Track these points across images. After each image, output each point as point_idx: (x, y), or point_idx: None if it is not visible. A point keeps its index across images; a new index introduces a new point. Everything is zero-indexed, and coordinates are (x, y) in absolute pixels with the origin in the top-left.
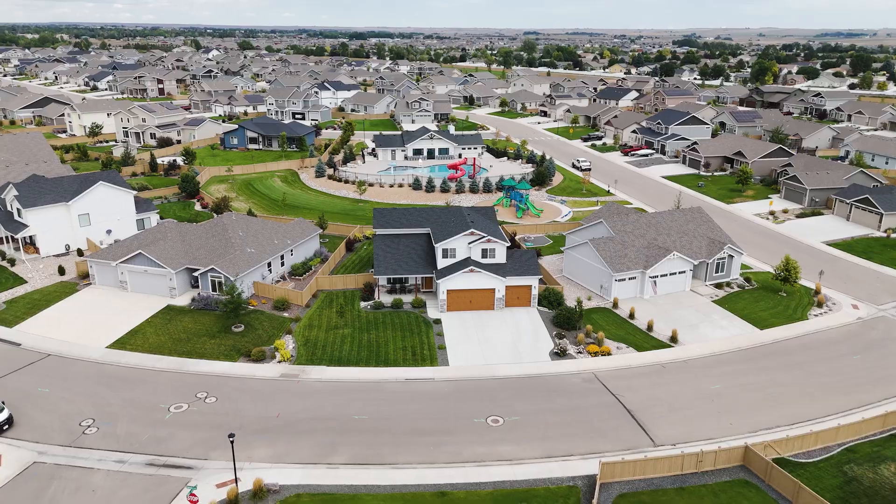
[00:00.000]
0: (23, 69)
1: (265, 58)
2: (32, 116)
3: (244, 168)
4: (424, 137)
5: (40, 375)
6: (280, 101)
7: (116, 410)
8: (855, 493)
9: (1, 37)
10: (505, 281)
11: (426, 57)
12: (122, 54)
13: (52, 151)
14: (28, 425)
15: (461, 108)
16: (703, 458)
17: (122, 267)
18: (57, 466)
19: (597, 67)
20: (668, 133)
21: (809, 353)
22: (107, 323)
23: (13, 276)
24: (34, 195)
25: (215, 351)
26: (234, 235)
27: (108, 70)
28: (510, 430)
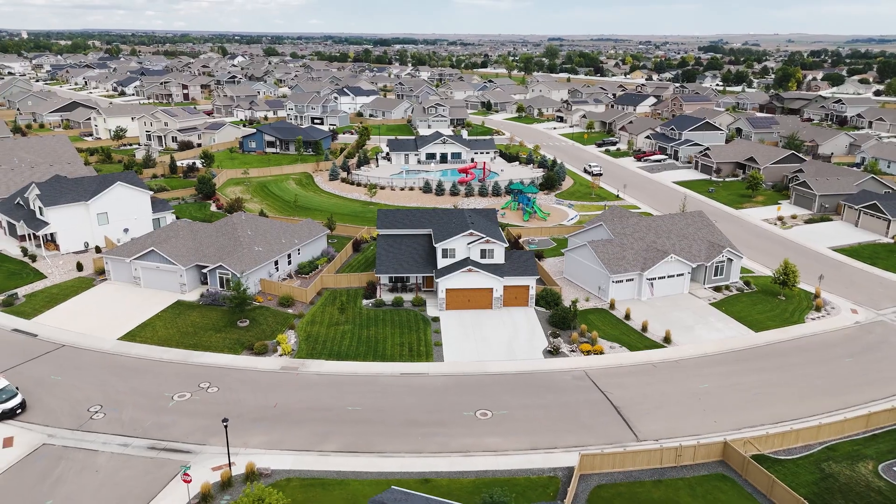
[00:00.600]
0: (54, 74)
1: (289, 64)
2: (61, 120)
3: (260, 171)
4: (437, 142)
5: (54, 364)
6: (299, 106)
7: (123, 398)
8: (830, 489)
9: (35, 43)
10: (503, 281)
11: (447, 63)
12: (150, 60)
13: (77, 153)
14: (40, 410)
15: (479, 113)
16: (681, 453)
17: (135, 263)
18: (64, 448)
19: (618, 73)
20: (682, 139)
21: (803, 355)
22: (119, 316)
23: (34, 272)
24: (55, 194)
25: (220, 344)
26: (243, 234)
27: (135, 76)
28: (498, 423)
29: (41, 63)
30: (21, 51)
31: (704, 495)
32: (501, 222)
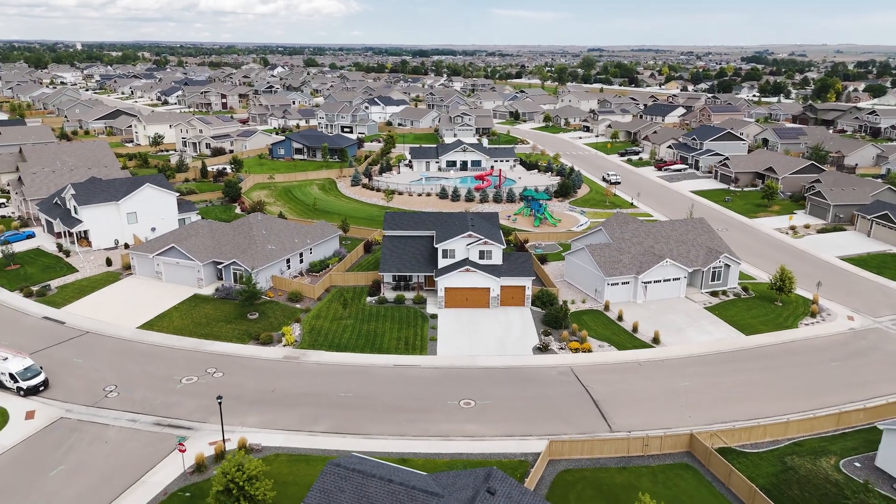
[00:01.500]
0: (103, 84)
1: (326, 74)
2: (104, 127)
3: (286, 176)
4: (458, 150)
5: (77, 349)
6: (330, 115)
7: (136, 380)
8: (788, 480)
9: (88, 54)
10: (500, 281)
11: (481, 74)
12: (194, 71)
13: (115, 158)
14: (61, 388)
15: (506, 122)
16: (648, 443)
17: (157, 259)
18: (79, 422)
19: (653, 84)
20: (703, 149)
21: (790, 358)
22: (140, 307)
23: (67, 266)
24: (89, 194)
25: (229, 334)
26: (258, 234)
27: (178, 85)
28: (479, 411)
29: (92, 73)
30: (74, 61)
31: (665, 481)
32: (512, 227)
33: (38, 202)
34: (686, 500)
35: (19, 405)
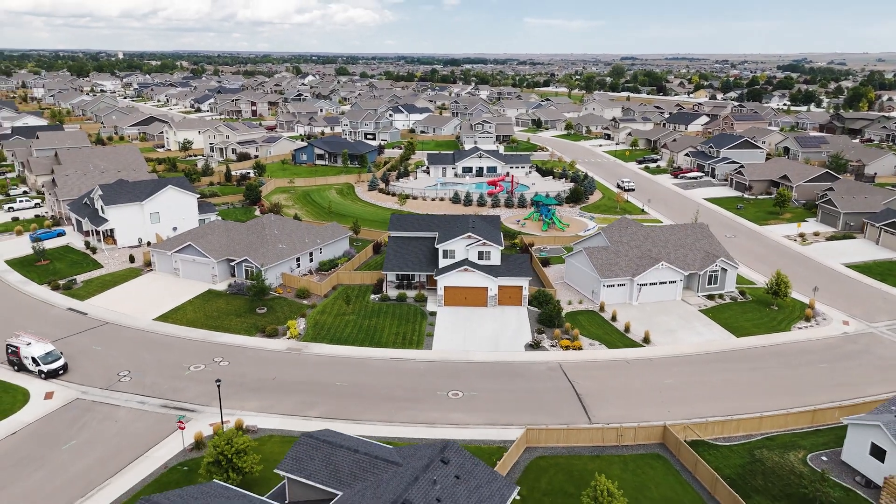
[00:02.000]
0: (140, 92)
1: (356, 83)
2: (138, 133)
3: (306, 181)
4: (473, 156)
5: (97, 337)
6: (354, 122)
7: (148, 366)
8: (753, 471)
9: (129, 63)
10: (497, 281)
11: (509, 82)
12: (229, 79)
13: (144, 162)
14: (78, 372)
15: (529, 130)
16: (622, 433)
17: (175, 256)
18: (93, 402)
19: (681, 93)
20: (719, 157)
21: (778, 359)
22: (157, 301)
23: (93, 262)
24: (115, 195)
25: (238, 327)
26: (270, 233)
27: (211, 93)
28: (466, 402)
29: (131, 81)
30: (115, 70)
31: (634, 469)
32: (519, 231)
33: (69, 202)
34: (652, 486)
35: (39, 386)
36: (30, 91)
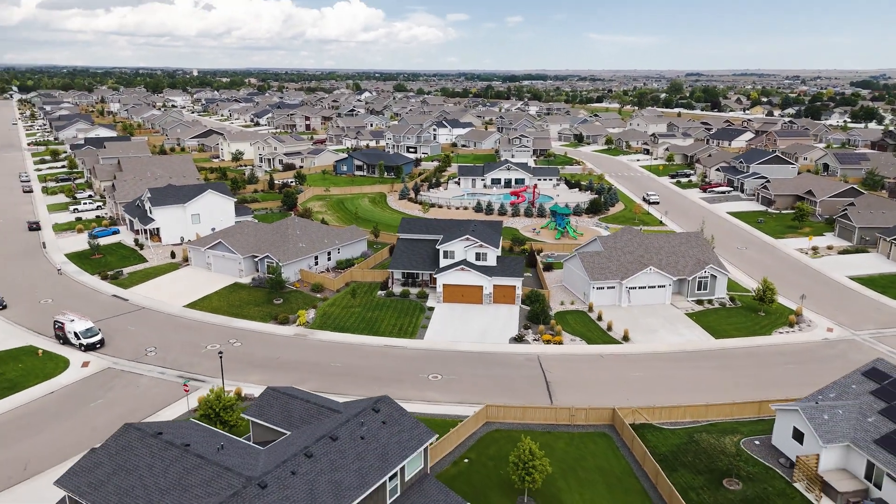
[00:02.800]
0: (207, 107)
1: (411, 99)
2: (197, 144)
3: (343, 189)
4: (502, 168)
5: (133, 320)
6: (396, 136)
7: (172, 344)
8: (686, 450)
9: (201, 80)
10: (492, 280)
11: (562, 98)
12: (291, 96)
13: (195, 170)
14: (113, 347)
15: (570, 145)
16: (574, 413)
17: (208, 252)
18: (121, 371)
19: (737, 109)
20: (749, 171)
21: (749, 359)
22: (189, 291)
23: (139, 257)
24: (161, 197)
25: (255, 315)
26: (292, 234)
27: (271, 108)
28: (444, 384)
29: (200, 97)
30: (187, 87)
31: (578, 444)
32: (530, 238)
33: (124, 205)
34: (589, 457)
35: (78, 357)
36: (107, 105)
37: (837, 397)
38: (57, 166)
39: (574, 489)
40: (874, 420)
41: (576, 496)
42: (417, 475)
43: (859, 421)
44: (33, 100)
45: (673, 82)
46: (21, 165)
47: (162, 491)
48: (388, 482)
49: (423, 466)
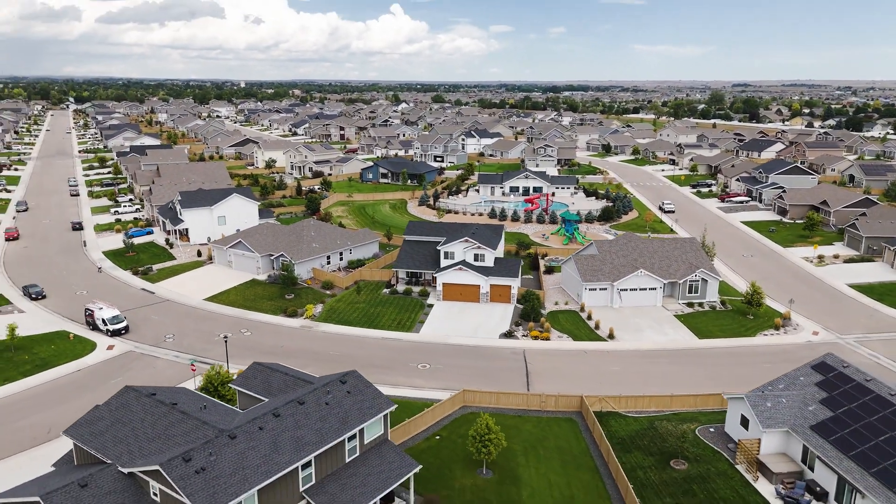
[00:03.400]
0: (249, 117)
1: (447, 110)
2: (235, 152)
3: (366, 196)
4: (520, 176)
5: (157, 310)
6: (424, 146)
7: (188, 332)
8: (644, 434)
9: (247, 91)
10: (489, 280)
11: (598, 109)
12: (331, 107)
13: (228, 176)
14: (136, 333)
15: (598, 155)
16: (545, 400)
17: (229, 251)
18: (141, 354)
19: (776, 120)
20: (768, 182)
21: (727, 359)
22: (210, 285)
23: (169, 255)
24: (190, 200)
25: (267, 308)
26: (307, 235)
27: (308, 119)
28: (431, 372)
29: (244, 108)
30: (232, 98)
31: (543, 427)
32: (540, 243)
33: (158, 207)
34: (552, 438)
35: (105, 341)
36: (155, 116)
37: (786, 388)
38: (103, 172)
39: (531, 464)
40: (814, 408)
41: (532, 470)
42: (377, 440)
43: (800, 409)
44: (87, 110)
45: (714, 93)
46: (71, 171)
47: (150, 439)
48: (347, 442)
49: (382, 433)
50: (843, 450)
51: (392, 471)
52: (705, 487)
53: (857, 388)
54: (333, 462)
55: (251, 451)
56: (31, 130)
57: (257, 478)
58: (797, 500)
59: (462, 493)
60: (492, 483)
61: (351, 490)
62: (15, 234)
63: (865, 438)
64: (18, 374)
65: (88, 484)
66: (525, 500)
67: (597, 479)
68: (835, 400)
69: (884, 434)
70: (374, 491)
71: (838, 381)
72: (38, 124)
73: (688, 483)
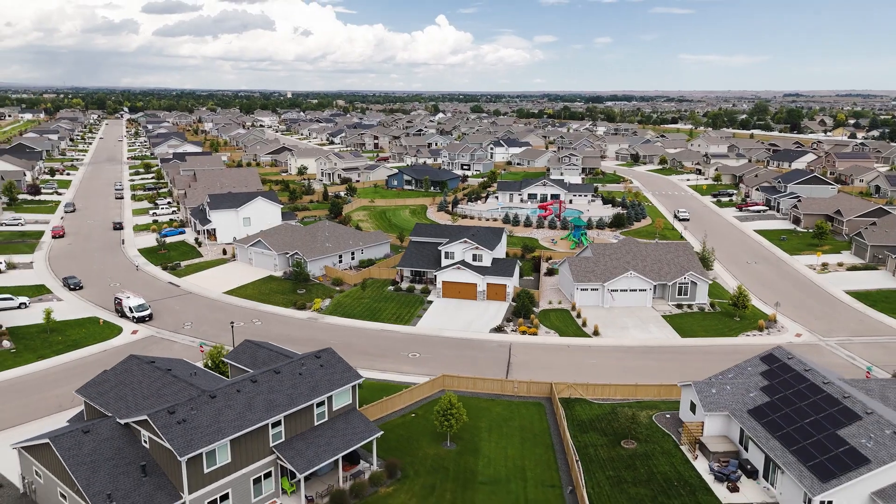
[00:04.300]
0: (290, 126)
1: (484, 120)
2: (271, 159)
3: (388, 201)
4: (538, 184)
5: (180, 301)
6: (451, 154)
7: (205, 321)
8: (603, 418)
9: (292, 101)
10: (485, 279)
11: (634, 119)
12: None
13: (259, 181)
14: (159, 320)
15: (627, 164)
16: (518, 386)
17: (249, 249)
18: (161, 339)
19: (818, 131)
20: (786, 191)
21: (705, 355)
22: (230, 280)
23: (197, 253)
24: (218, 202)
25: (279, 301)
26: (321, 235)
27: (344, 128)
28: (420, 360)
29: (286, 118)
30: (276, 108)
31: (512, 409)
32: (545, 247)
33: (191, 209)
34: (517, 418)
35: (130, 326)
36: (202, 125)
37: (734, 377)
38: (147, 177)
39: (493, 439)
40: (754, 395)
41: (492, 444)
42: (345, 408)
43: (742, 395)
44: (139, 119)
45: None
46: (118, 176)
47: (145, 397)
48: (316, 407)
49: (351, 402)
50: (771, 431)
51: (356, 434)
52: (647, 464)
53: (796, 377)
54: (302, 424)
55: (227, 408)
56: (86, 138)
57: (230, 430)
58: (727, 476)
59: (424, 460)
60: (453, 453)
61: (316, 448)
62: (61, 233)
63: (792, 421)
64: (52, 352)
65: (90, 431)
66: (479, 469)
67: (550, 454)
68: (773, 387)
69: (809, 417)
70: (335, 449)
71: (780, 370)
72: (93, 132)
73: (632, 459)
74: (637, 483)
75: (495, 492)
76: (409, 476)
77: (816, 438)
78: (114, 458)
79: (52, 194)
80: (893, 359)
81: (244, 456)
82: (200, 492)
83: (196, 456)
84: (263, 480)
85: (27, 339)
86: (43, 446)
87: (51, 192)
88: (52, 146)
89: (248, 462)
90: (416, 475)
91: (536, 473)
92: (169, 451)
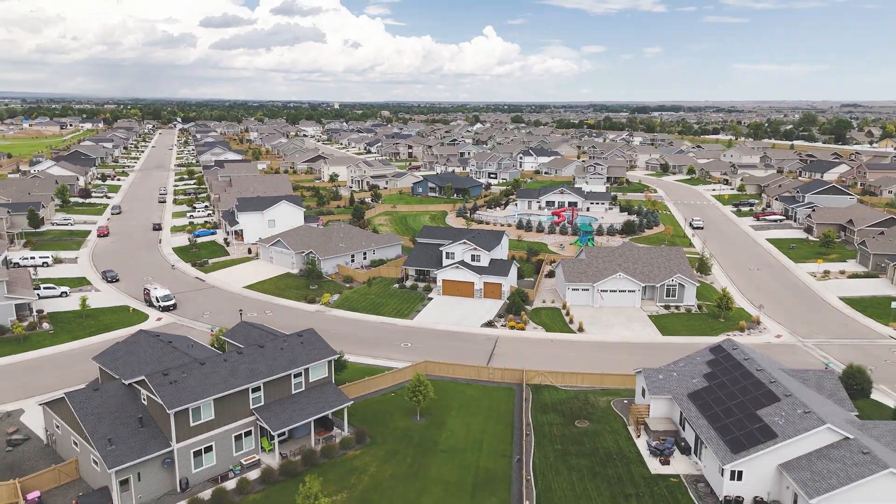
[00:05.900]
0: (331, 136)
1: (522, 129)
2: (307, 167)
3: (411, 207)
4: (556, 192)
5: (204, 293)
6: (479, 163)
7: (223, 311)
8: (564, 402)
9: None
10: (482, 278)
11: (675, 129)
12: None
13: (290, 187)
14: (182, 309)
15: (656, 174)
16: (492, 373)
17: (271, 248)
18: (181, 325)
19: (863, 142)
20: (804, 201)
21: (679, 351)
22: (251, 276)
23: (224, 251)
24: (245, 205)
25: (292, 295)
26: (336, 236)
27: (381, 138)
28: (410, 349)
29: (329, 128)
30: (321, 118)
31: (484, 392)
32: (550, 251)
33: (223, 212)
34: (486, 399)
35: (156, 314)
36: (247, 134)
37: (685, 366)
38: (190, 183)
39: (460, 416)
40: (697, 381)
41: (458, 420)
42: (322, 381)
43: (686, 381)
44: (190, 129)
45: (806, 113)
46: (164, 182)
47: (148, 363)
48: (294, 378)
49: (327, 376)
50: (702, 412)
51: (328, 403)
52: (594, 440)
53: (735, 365)
54: (281, 391)
55: (213, 374)
56: (139, 146)
57: (214, 391)
58: (661, 451)
59: (394, 431)
60: (420, 426)
61: (291, 412)
62: (105, 232)
63: (722, 402)
64: (85, 334)
65: (99, 389)
66: (442, 440)
67: (508, 430)
68: (714, 374)
69: (736, 399)
70: (308, 414)
71: (723, 360)
72: (146, 141)
73: (581, 436)
74: (580, 455)
75: (452, 458)
76: (376, 442)
77: (737, 417)
78: (117, 412)
79: (102, 198)
80: (867, 359)
81: (226, 415)
82: (187, 442)
83: (183, 410)
84: (244, 438)
85: (64, 323)
86: (60, 401)
87: (101, 196)
88: (107, 154)
89: (230, 420)
90: (383, 442)
91: (492, 445)
92: (161, 406)
